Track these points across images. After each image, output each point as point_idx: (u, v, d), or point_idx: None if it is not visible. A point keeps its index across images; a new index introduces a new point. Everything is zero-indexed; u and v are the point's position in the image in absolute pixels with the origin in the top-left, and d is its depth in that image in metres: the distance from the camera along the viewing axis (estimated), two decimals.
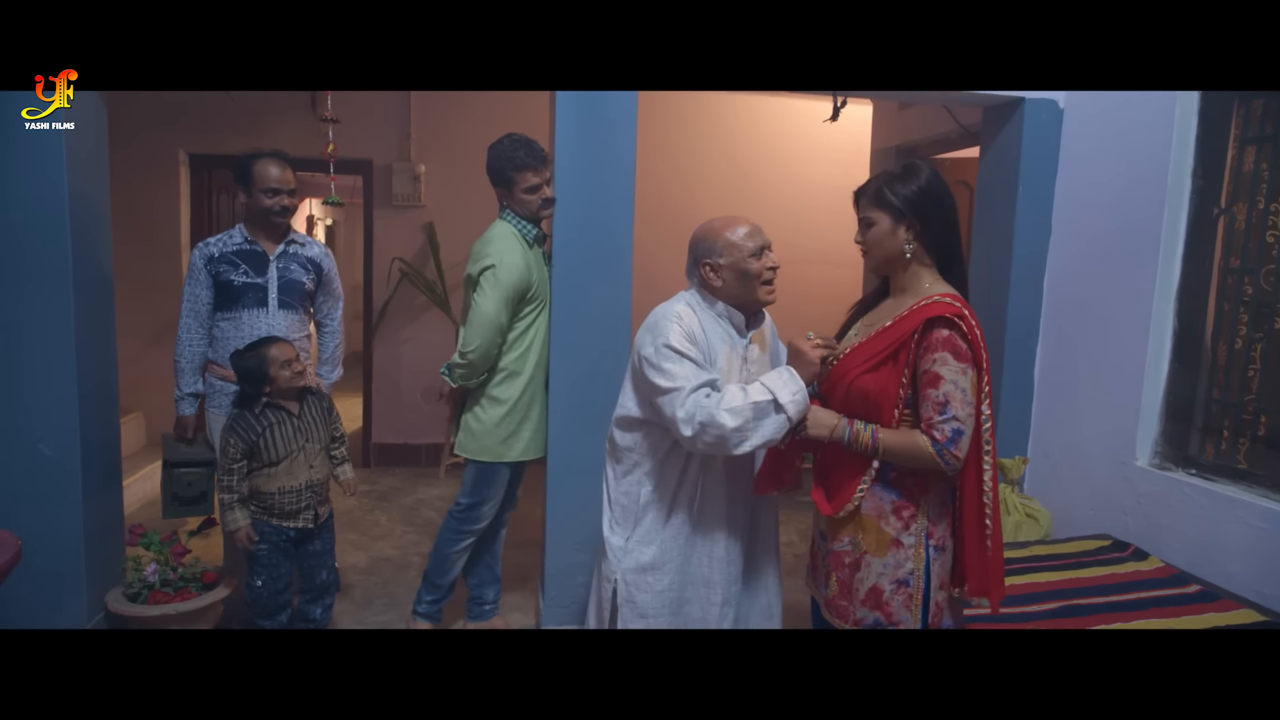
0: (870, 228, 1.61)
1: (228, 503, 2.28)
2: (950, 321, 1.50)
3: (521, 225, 2.45)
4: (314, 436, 2.38)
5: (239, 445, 2.25)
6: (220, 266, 2.44)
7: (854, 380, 1.57)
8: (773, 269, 1.77)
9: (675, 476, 1.78)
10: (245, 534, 2.30)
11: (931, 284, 1.61)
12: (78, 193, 2.22)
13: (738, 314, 1.79)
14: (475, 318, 2.35)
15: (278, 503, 2.33)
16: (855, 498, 1.58)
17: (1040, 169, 2.68)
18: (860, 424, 1.57)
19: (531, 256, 2.43)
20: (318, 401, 2.43)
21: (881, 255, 1.62)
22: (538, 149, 2.41)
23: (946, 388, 1.49)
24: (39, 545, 2.25)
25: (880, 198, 1.59)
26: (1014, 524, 2.56)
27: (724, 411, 1.62)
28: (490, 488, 2.52)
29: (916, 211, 1.58)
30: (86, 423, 2.29)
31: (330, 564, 2.51)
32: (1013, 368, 2.74)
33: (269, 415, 2.29)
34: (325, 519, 2.47)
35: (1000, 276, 2.76)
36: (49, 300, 2.20)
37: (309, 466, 2.36)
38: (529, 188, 2.40)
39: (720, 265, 1.75)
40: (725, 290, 1.77)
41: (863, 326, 1.70)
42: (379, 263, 4.70)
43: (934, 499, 1.59)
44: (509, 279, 2.33)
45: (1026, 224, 2.71)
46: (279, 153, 2.48)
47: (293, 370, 2.28)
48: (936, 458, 1.49)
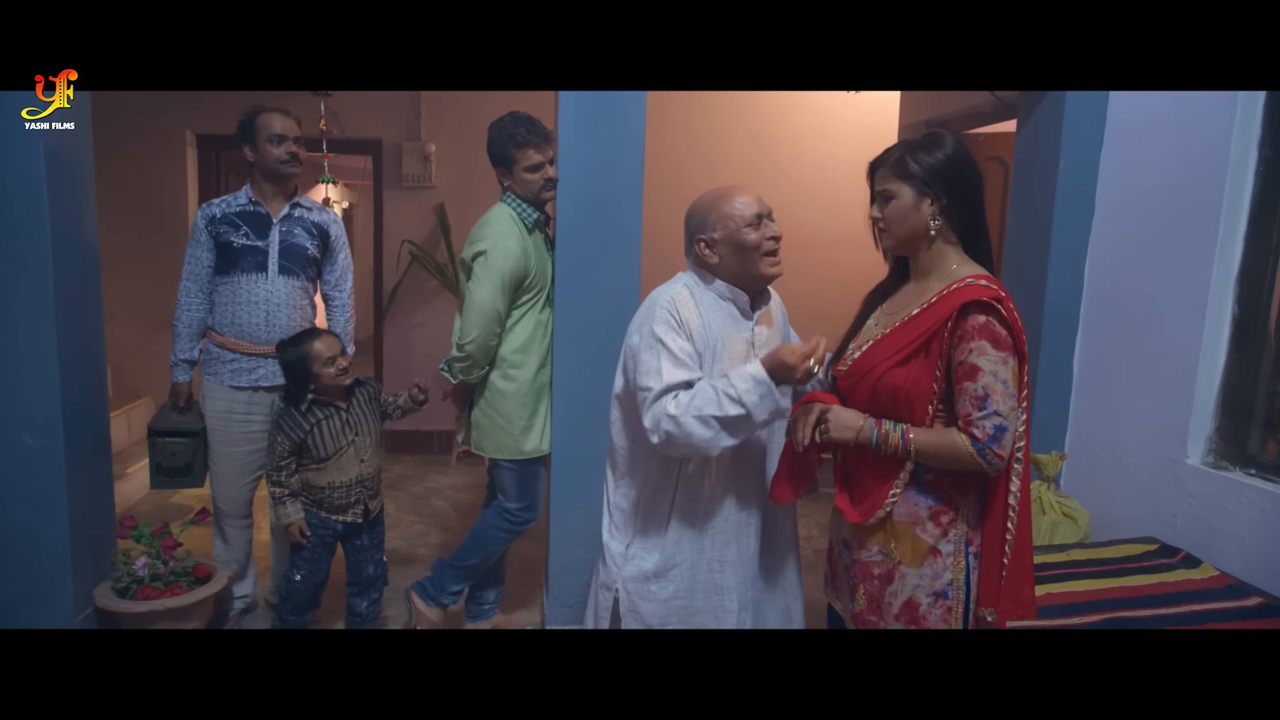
0: (890, 202, 1.44)
1: (279, 496, 2.24)
2: (987, 306, 1.35)
3: (521, 208, 2.32)
4: (364, 430, 2.30)
5: (285, 443, 2.20)
6: (221, 227, 2.35)
7: (882, 376, 1.42)
8: (774, 239, 1.61)
9: (674, 476, 1.63)
10: (299, 528, 2.26)
11: (959, 264, 1.45)
12: (57, 171, 2.12)
13: (740, 294, 1.64)
14: (470, 306, 2.23)
15: (328, 497, 2.27)
16: (887, 503, 1.44)
17: (1083, 143, 2.48)
18: (889, 424, 1.42)
19: (530, 241, 2.30)
20: (366, 392, 2.35)
21: (903, 233, 1.45)
22: (540, 126, 2.28)
23: (986, 379, 1.34)
24: (23, 538, 2.18)
25: (903, 168, 1.43)
26: (1050, 524, 2.39)
27: (692, 420, 1.49)
28: (536, 483, 2.42)
29: (943, 183, 1.42)
30: (71, 410, 2.20)
31: (378, 558, 2.46)
32: (1049, 357, 2.56)
33: (316, 412, 2.22)
34: (376, 513, 2.40)
35: (1037, 260, 2.57)
36: (27, 282, 2.10)
37: (359, 461, 2.29)
38: (530, 166, 2.27)
39: (715, 240, 1.60)
40: (724, 267, 1.61)
41: (883, 315, 1.53)
42: (389, 245, 4.60)
43: (975, 502, 1.45)
44: (503, 264, 2.20)
45: (1067, 203, 2.51)
46: (282, 107, 2.40)
47: (337, 368, 2.20)
48: (977, 458, 1.35)
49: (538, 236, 2.35)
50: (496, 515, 2.42)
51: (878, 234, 1.50)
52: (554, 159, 2.30)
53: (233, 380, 2.41)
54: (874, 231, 1.52)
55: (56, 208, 2.12)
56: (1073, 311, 2.57)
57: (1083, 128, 2.48)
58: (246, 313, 2.38)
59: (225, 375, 2.41)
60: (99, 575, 2.33)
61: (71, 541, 2.23)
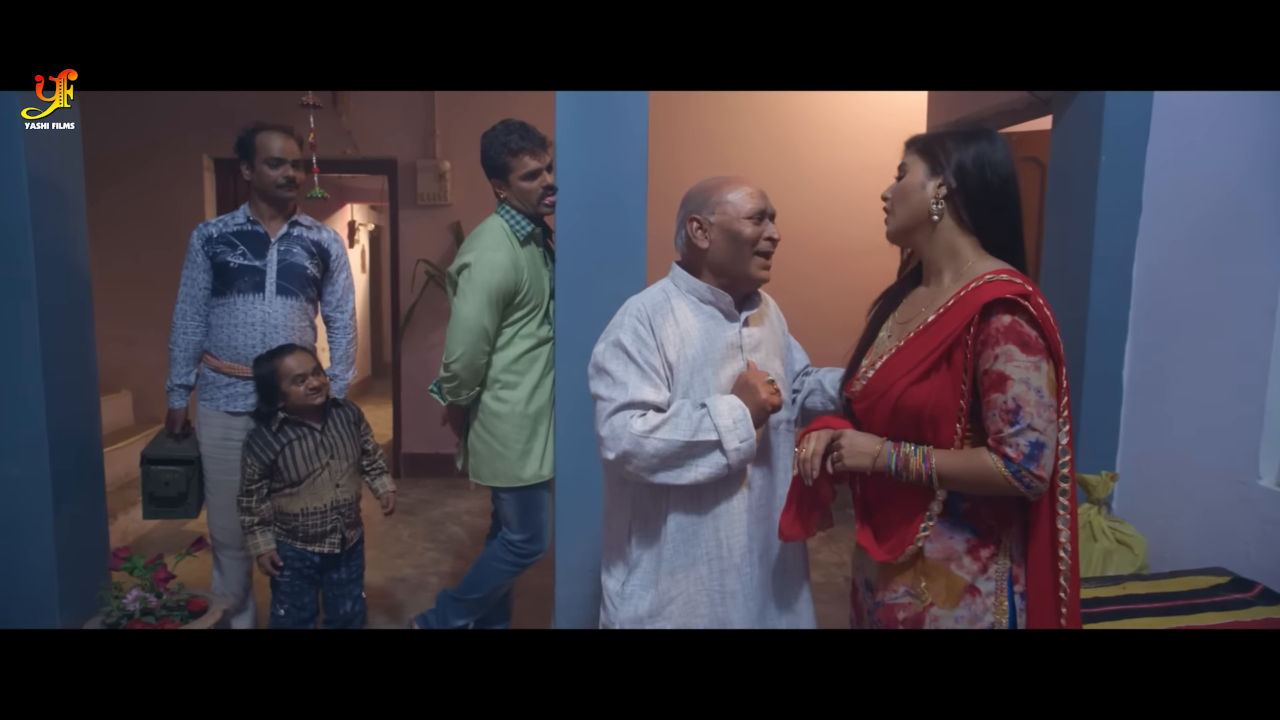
0: (902, 177, 1.32)
1: (248, 525, 2.12)
2: (1012, 304, 1.17)
3: (514, 220, 2.21)
4: (340, 453, 2.18)
5: (255, 464, 2.08)
6: (218, 247, 2.28)
7: (902, 395, 1.25)
8: (771, 240, 1.49)
9: (664, 501, 1.46)
10: (270, 559, 2.14)
11: (975, 260, 1.28)
12: (40, 187, 2.05)
13: (724, 295, 1.50)
14: (455, 323, 2.12)
15: (301, 525, 2.15)
16: (918, 538, 1.26)
17: (1127, 135, 2.29)
18: (909, 447, 1.25)
19: (522, 254, 2.18)
20: (344, 414, 2.23)
21: (905, 213, 1.31)
22: (534, 132, 2.19)
23: (1016, 389, 1.16)
24: (9, 570, 2.10)
25: (926, 144, 1.30)
26: (1102, 552, 2.17)
27: (653, 440, 1.36)
28: (540, 512, 2.29)
29: (958, 168, 1.26)
30: (59, 439, 2.11)
31: (356, 594, 2.32)
32: (1096, 367, 2.35)
33: (287, 432, 2.11)
34: (354, 544, 2.28)
35: (1079, 263, 2.37)
36: (11, 308, 2.03)
37: (335, 486, 2.17)
38: (527, 174, 2.18)
39: (710, 223, 1.48)
40: (711, 255, 1.49)
41: (896, 325, 1.37)
42: (405, 265, 4.53)
43: (1019, 534, 1.27)
44: (488, 277, 2.08)
45: (1110, 201, 2.31)
46: (283, 126, 2.31)
47: (308, 386, 2.10)
48: (1012, 480, 1.17)
49: (532, 249, 2.24)
50: (500, 548, 2.29)
51: (886, 216, 1.36)
52: (552, 165, 2.19)
53: (229, 405, 2.31)
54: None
55: (41, 233, 2.05)
56: (1120, 317, 2.36)
57: (1126, 119, 2.28)
58: (243, 335, 2.29)
59: (221, 400, 2.32)
60: (91, 608, 2.23)
61: (59, 574, 2.14)
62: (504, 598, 2.44)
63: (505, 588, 2.37)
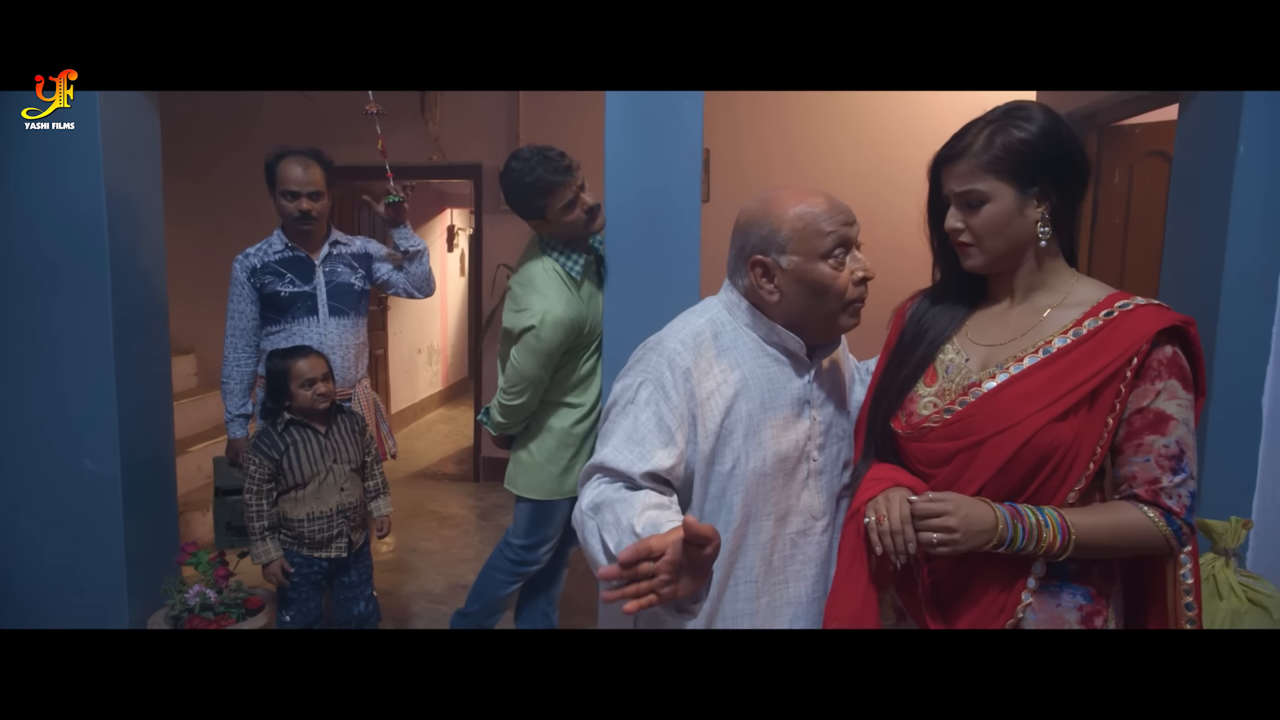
0: (981, 207, 1.08)
1: (257, 532, 2.12)
2: (1180, 334, 1.02)
3: (566, 260, 2.05)
4: (343, 456, 2.18)
5: (264, 464, 2.09)
6: (265, 278, 2.28)
7: (1037, 433, 1.02)
8: (863, 282, 1.16)
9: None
10: (279, 567, 2.14)
11: (1078, 281, 1.11)
12: (117, 197, 2.14)
13: (795, 339, 1.18)
14: (516, 375, 2.03)
15: (307, 531, 2.14)
16: (1019, 610, 1.06)
17: (1271, 128, 1.95)
18: (1032, 514, 1.02)
19: (582, 293, 2.05)
20: (349, 421, 2.23)
21: (1002, 247, 1.09)
22: (555, 157, 2.00)
23: (1179, 432, 1.01)
24: (81, 563, 2.20)
25: (995, 159, 1.06)
26: (1229, 612, 1.85)
27: (590, 524, 1.07)
28: (548, 527, 2.20)
29: (1053, 176, 1.06)
30: (129, 436, 2.21)
31: (368, 594, 2.31)
32: (1226, 395, 2.02)
33: (292, 433, 2.11)
34: (360, 545, 2.27)
35: (1208, 275, 2.04)
36: (87, 309, 2.13)
37: (339, 489, 2.17)
38: (565, 204, 1.99)
39: (781, 268, 1.13)
40: (782, 308, 1.16)
41: (975, 347, 1.14)
42: (487, 269, 4.57)
43: (1119, 590, 1.10)
44: (555, 336, 1.97)
45: (1249, 203, 1.98)
46: (312, 150, 2.28)
47: (315, 392, 2.09)
48: (1172, 540, 1.02)
49: (588, 284, 2.09)
50: (499, 555, 2.25)
51: (961, 250, 1.13)
52: (584, 183, 2.03)
53: None
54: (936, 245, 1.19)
55: (117, 238, 2.14)
56: (1261, 337, 2.02)
57: (1269, 109, 1.95)
58: None
59: None
60: (157, 602, 2.32)
61: (128, 566, 2.23)
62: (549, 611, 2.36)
63: (506, 599, 2.30)
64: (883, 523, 1.05)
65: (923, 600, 1.11)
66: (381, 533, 2.32)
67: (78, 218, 2.09)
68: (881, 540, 1.05)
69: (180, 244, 3.88)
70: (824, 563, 1.22)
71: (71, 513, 2.19)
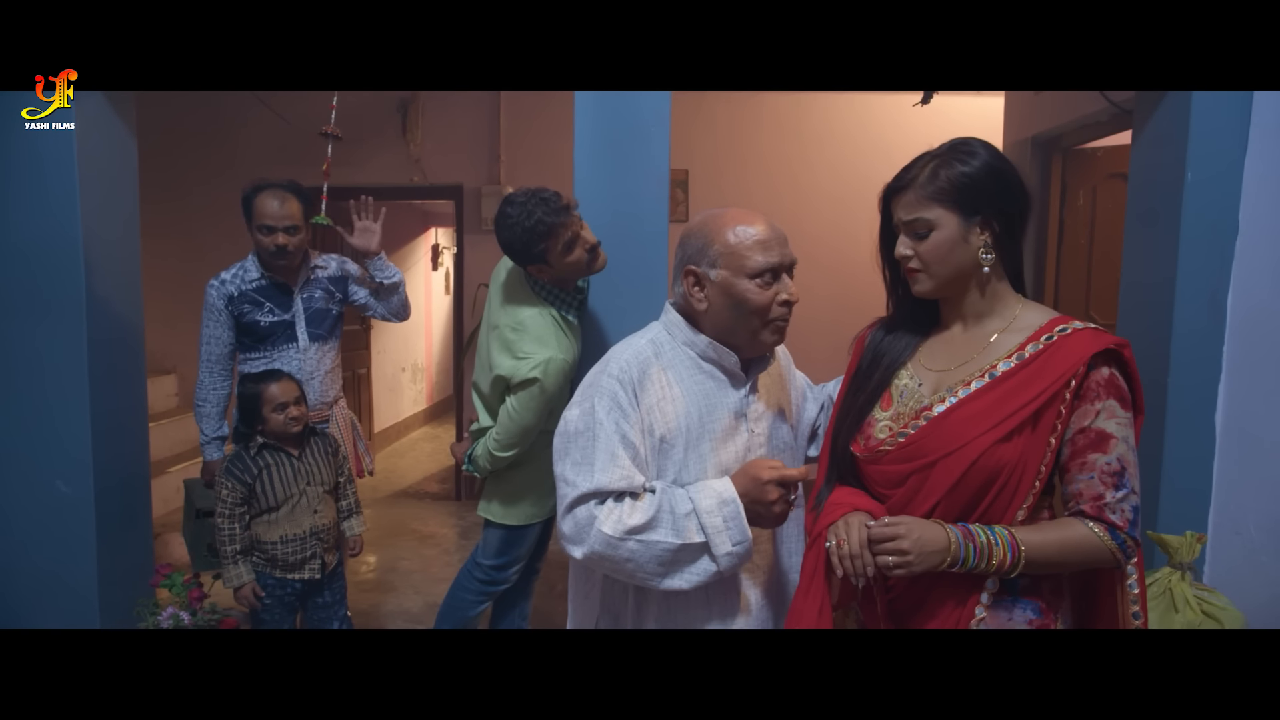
0: (928, 235, 1.13)
1: (230, 556, 2.12)
2: (1115, 356, 1.08)
3: (562, 304, 2.02)
4: (316, 479, 2.19)
5: (237, 488, 2.10)
6: (243, 307, 2.28)
7: (983, 454, 1.07)
8: (786, 305, 1.23)
9: (643, 604, 1.24)
10: (251, 590, 2.15)
11: (1022, 306, 1.16)
12: (92, 218, 2.16)
13: (729, 354, 1.25)
14: (513, 426, 1.99)
15: (280, 553, 2.15)
16: (973, 624, 1.10)
17: (1219, 146, 2.01)
18: (983, 533, 1.07)
19: (576, 335, 2.05)
20: (322, 443, 2.25)
21: (947, 273, 1.15)
22: (551, 198, 1.92)
23: (1119, 449, 1.06)
24: (54, 585, 2.20)
25: (941, 189, 1.12)
26: (1184, 624, 1.89)
27: (630, 543, 1.14)
28: (520, 548, 2.22)
29: (994, 206, 1.12)
30: (103, 457, 2.22)
31: (342, 614, 2.32)
32: (1180, 411, 2.07)
33: (265, 457, 2.13)
34: (334, 566, 2.28)
35: (1160, 290, 2.10)
36: (61, 330, 2.14)
37: (313, 511, 2.18)
38: (567, 244, 1.90)
39: (711, 280, 1.21)
40: (708, 318, 1.24)
41: (927, 373, 1.19)
42: (468, 289, 4.60)
43: (1069, 607, 1.15)
44: (558, 385, 1.96)
45: (1199, 221, 2.04)
46: (289, 184, 2.27)
47: (287, 416, 2.11)
48: (1117, 552, 1.07)
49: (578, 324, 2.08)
50: (466, 575, 2.24)
51: (910, 275, 1.18)
52: (581, 221, 1.98)
53: None
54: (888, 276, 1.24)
55: (92, 259, 2.16)
56: (1212, 354, 2.07)
57: (1217, 128, 2.01)
58: None
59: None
60: (132, 624, 2.32)
61: (101, 589, 2.24)
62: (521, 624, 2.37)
63: (475, 619, 2.29)
64: (843, 546, 1.09)
65: (881, 617, 1.16)
66: (354, 552, 2.33)
67: (53, 239, 2.11)
68: (842, 563, 1.09)
69: (161, 264, 3.91)
70: (772, 569, 1.28)
71: (44, 534, 2.19)
